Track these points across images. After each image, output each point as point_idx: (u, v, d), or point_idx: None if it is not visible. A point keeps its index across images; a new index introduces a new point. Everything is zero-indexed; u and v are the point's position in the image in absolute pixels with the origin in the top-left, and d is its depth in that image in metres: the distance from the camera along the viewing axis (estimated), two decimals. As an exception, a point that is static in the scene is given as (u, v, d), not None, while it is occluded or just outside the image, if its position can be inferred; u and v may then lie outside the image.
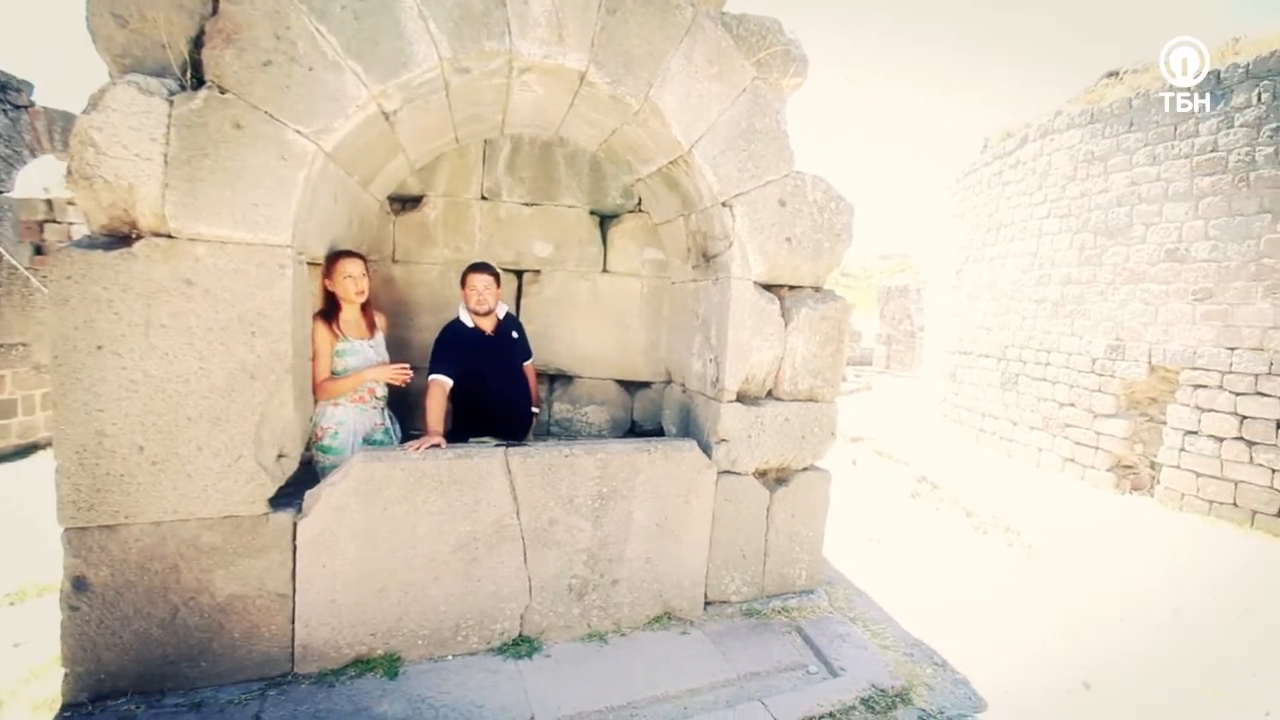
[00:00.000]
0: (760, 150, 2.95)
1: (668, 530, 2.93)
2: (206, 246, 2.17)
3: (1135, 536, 5.12)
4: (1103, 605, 3.79)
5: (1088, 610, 3.72)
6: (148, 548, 2.23)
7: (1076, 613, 3.67)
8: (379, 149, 2.83)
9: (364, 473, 2.44)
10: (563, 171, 3.69)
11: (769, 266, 3.03)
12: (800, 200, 3.06)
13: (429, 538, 2.55)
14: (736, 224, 2.95)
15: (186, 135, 2.10)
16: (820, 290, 3.31)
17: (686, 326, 3.51)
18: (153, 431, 2.18)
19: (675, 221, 3.49)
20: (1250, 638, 3.48)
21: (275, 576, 2.37)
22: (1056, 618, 3.60)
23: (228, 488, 2.28)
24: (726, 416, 3.01)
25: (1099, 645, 3.30)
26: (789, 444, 3.16)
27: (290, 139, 2.22)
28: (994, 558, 4.61)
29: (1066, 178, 7.04)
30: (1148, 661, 3.17)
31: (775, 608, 3.13)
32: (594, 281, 3.79)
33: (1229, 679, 3.04)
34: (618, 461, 2.79)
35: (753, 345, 3.02)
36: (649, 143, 3.06)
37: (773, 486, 3.19)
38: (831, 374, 3.25)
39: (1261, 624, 3.66)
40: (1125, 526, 5.36)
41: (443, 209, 3.58)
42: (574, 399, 3.87)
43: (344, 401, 2.74)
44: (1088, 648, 3.27)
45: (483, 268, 3.02)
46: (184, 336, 2.18)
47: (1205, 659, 3.22)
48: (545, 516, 2.72)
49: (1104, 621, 3.58)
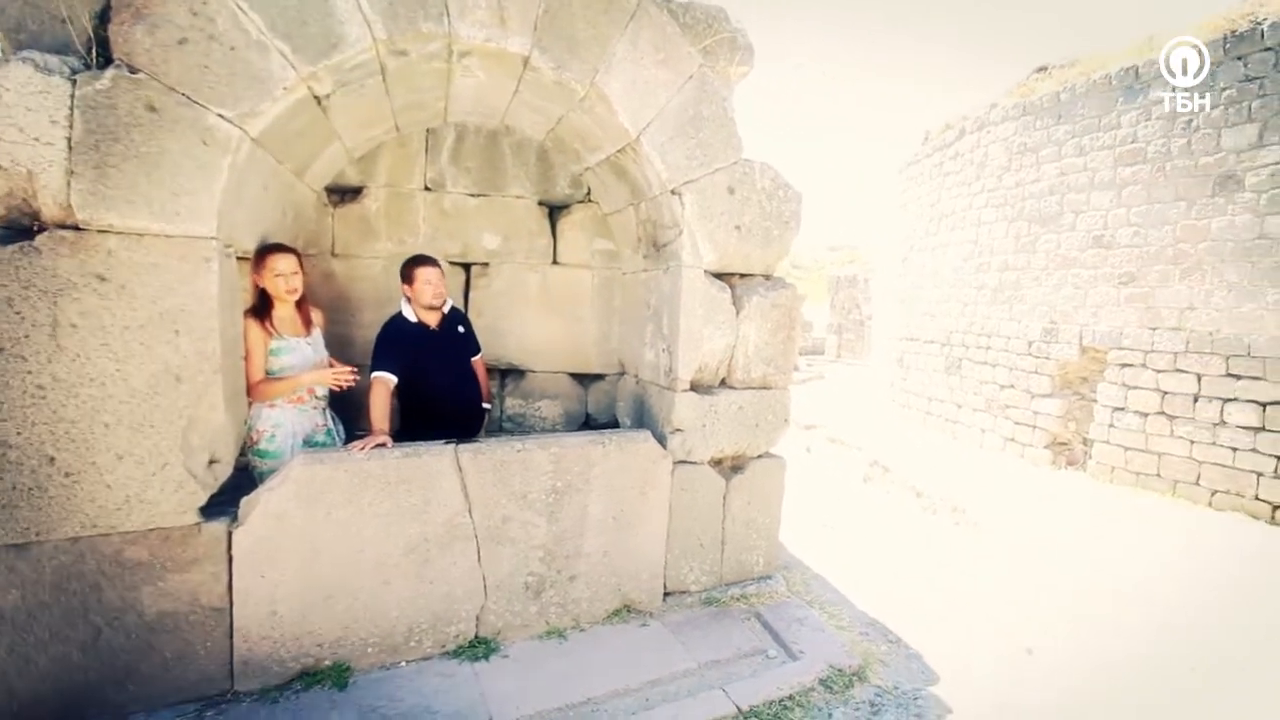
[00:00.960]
0: (708, 138, 2.94)
1: (624, 523, 2.91)
2: (120, 239, 2.01)
3: (1070, 509, 5.38)
4: (1043, 575, 3.97)
5: (1029, 580, 3.88)
6: (64, 566, 2.07)
7: (1020, 584, 3.83)
8: (312, 136, 2.69)
9: (305, 476, 2.32)
10: (510, 161, 3.60)
11: (719, 255, 3.03)
12: (749, 188, 3.07)
13: (377, 540, 2.45)
14: (686, 212, 2.93)
15: (93, 118, 1.94)
16: (771, 278, 3.33)
17: (638, 317, 3.49)
18: (65, 441, 2.02)
19: (625, 211, 3.45)
20: (1171, 580, 3.70)
21: (209, 590, 2.24)
22: (1001, 589, 3.74)
23: (153, 498, 2.13)
24: (681, 406, 2.99)
25: (1040, 613, 3.45)
26: (743, 432, 3.18)
27: (212, 123, 2.08)
28: (942, 536, 4.77)
29: (1002, 168, 7.32)
30: (1083, 622, 3.33)
31: (734, 595, 3.15)
32: (544, 273, 3.72)
33: (1150, 627, 3.22)
34: (572, 455, 2.75)
35: (705, 334, 3.02)
36: (596, 130, 3.01)
37: (728, 475, 3.20)
38: (784, 361, 3.27)
39: (1178, 572, 3.90)
40: (1061, 500, 5.63)
41: (384, 200, 3.44)
42: (526, 393, 3.79)
43: (281, 402, 2.60)
44: (1030, 616, 3.41)
45: (430, 260, 2.91)
46: (97, 337, 2.02)
47: (1133, 615, 3.40)
48: (499, 514, 2.65)
49: (1044, 589, 3.75)
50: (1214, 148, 5.39)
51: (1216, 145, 5.38)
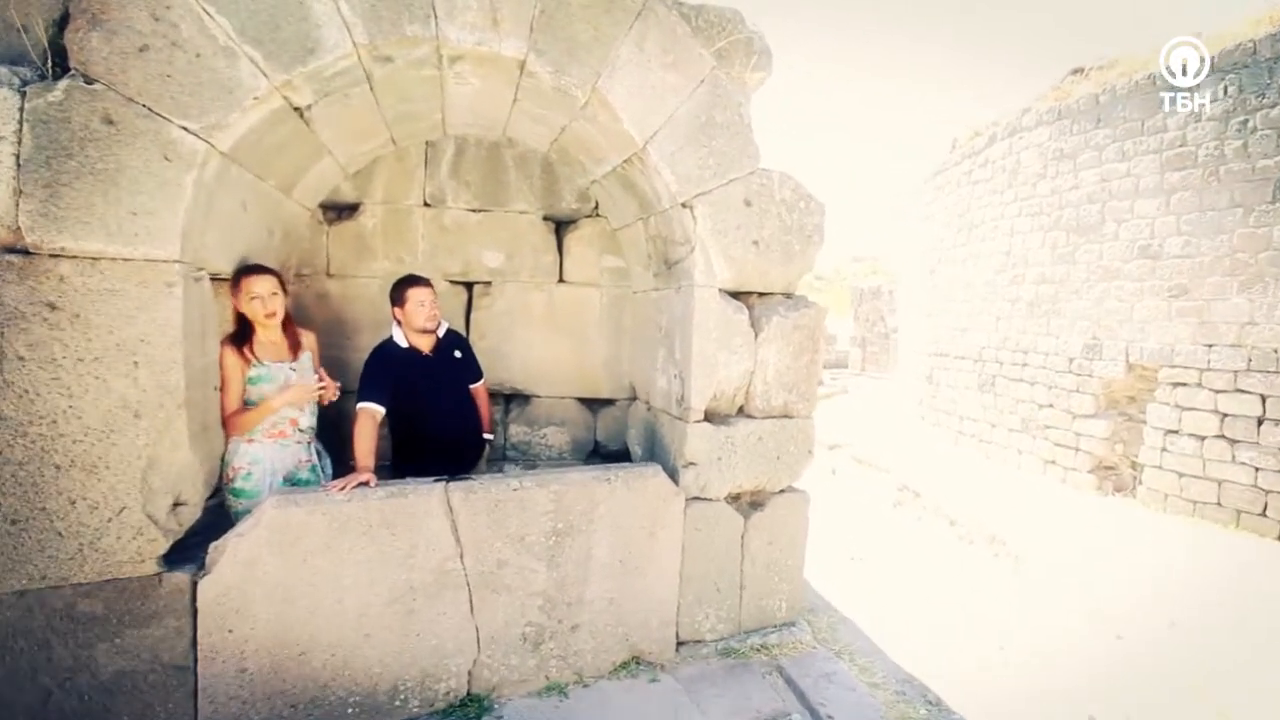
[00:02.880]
0: (722, 146, 2.70)
1: (632, 567, 2.65)
2: (73, 263, 1.84)
3: (1121, 542, 4.97)
4: (1097, 621, 3.60)
5: (1082, 627, 3.52)
6: (9, 622, 1.88)
7: (1072, 631, 3.48)
8: (297, 150, 2.52)
9: (278, 519, 2.11)
10: (512, 175, 3.41)
11: (735, 272, 2.78)
12: (767, 199, 2.82)
13: (358, 589, 2.23)
14: (698, 226, 2.69)
15: (44, 132, 1.78)
16: (792, 297, 3.07)
17: (650, 339, 3.25)
18: (11, 485, 1.84)
19: (634, 226, 3.23)
20: (1251, 645, 3.31)
21: (171, 647, 2.03)
22: (1052, 638, 3.39)
23: (109, 546, 1.94)
24: (694, 438, 2.74)
25: (1099, 667, 3.09)
26: (763, 465, 2.91)
27: (175, 136, 1.90)
28: (981, 570, 4.41)
29: (1036, 175, 6.96)
30: (1149, 682, 2.97)
31: (754, 645, 2.86)
32: (550, 292, 3.50)
33: (1232, 694, 2.85)
34: (574, 494, 2.51)
35: (720, 359, 2.77)
36: (601, 140, 2.80)
37: (747, 512, 2.93)
38: (807, 387, 3.00)
39: (1260, 631, 3.49)
40: (1110, 531, 5.22)
41: (381, 217, 3.27)
42: (532, 420, 3.57)
43: (260, 436, 2.41)
44: (1087, 671, 3.06)
45: (423, 280, 2.71)
46: (48, 370, 1.84)
47: (1207, 675, 3.03)
48: (493, 559, 2.41)
49: (1100, 639, 3.39)
50: (1274, 149, 5.00)
51: (1277, 147, 4.99)
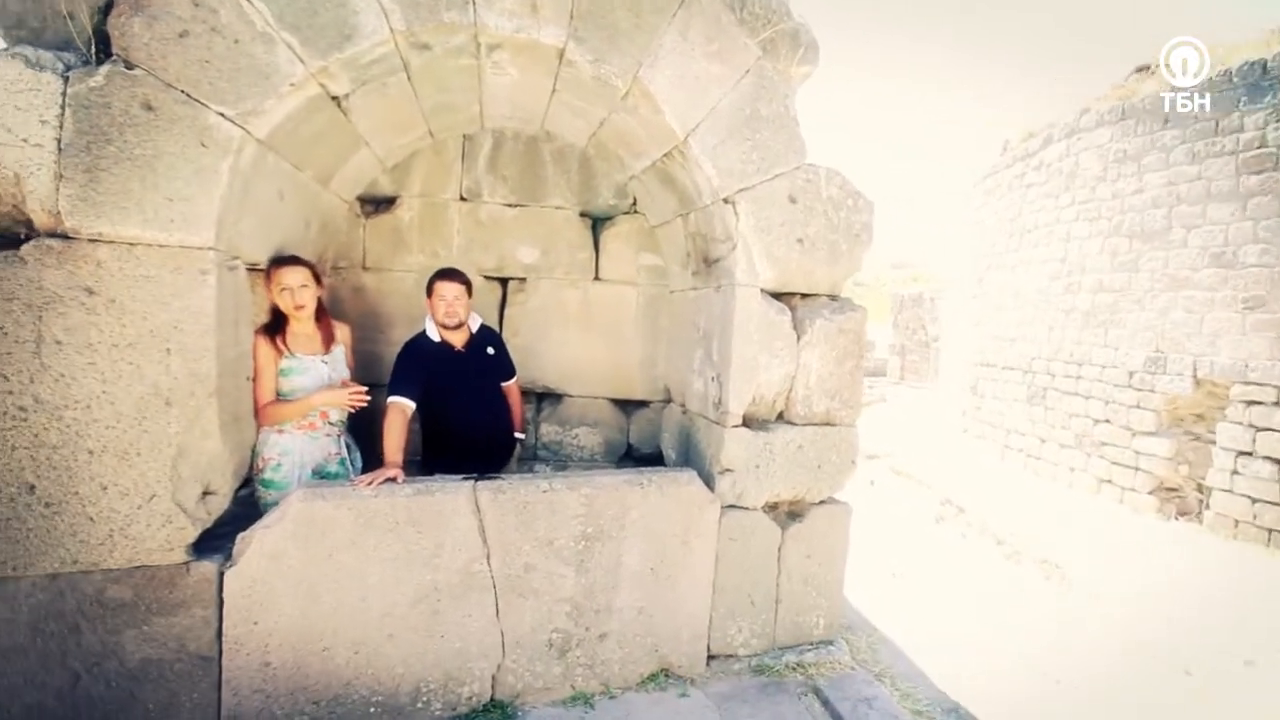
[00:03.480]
0: (767, 139, 2.59)
1: (664, 575, 2.55)
2: (110, 249, 1.84)
3: (1187, 570, 4.65)
4: (1162, 654, 3.35)
5: (1147, 662, 3.27)
6: (42, 605, 1.89)
7: (1135, 665, 3.23)
8: (334, 140, 2.50)
9: (304, 513, 2.08)
10: (550, 169, 3.35)
11: (778, 272, 2.66)
12: (813, 196, 2.69)
13: (383, 588, 2.19)
14: (740, 223, 2.58)
15: (85, 117, 1.78)
16: (837, 299, 2.93)
17: (687, 340, 3.14)
18: (46, 468, 1.84)
19: (673, 223, 3.13)
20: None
21: (198, 636, 2.02)
22: (1112, 670, 3.16)
23: (139, 533, 1.93)
24: (731, 443, 2.62)
25: (1166, 707, 2.86)
26: (803, 474, 2.77)
27: (212, 122, 1.89)
28: (1031, 593, 4.17)
29: (1096, 178, 6.61)
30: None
31: (789, 663, 2.72)
32: (585, 290, 3.43)
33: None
34: (605, 498, 2.42)
35: (760, 362, 2.65)
36: (641, 133, 2.71)
37: (785, 523, 2.80)
38: (850, 394, 2.86)
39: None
40: (1173, 557, 4.89)
41: (418, 211, 3.25)
42: (564, 420, 3.50)
43: (290, 428, 2.39)
44: (1153, 710, 2.83)
45: (452, 274, 2.66)
46: (84, 355, 1.84)
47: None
48: (520, 562, 2.34)
49: (1168, 676, 3.14)
50: (1366, 151, 4.62)
51: (1370, 148, 4.61)
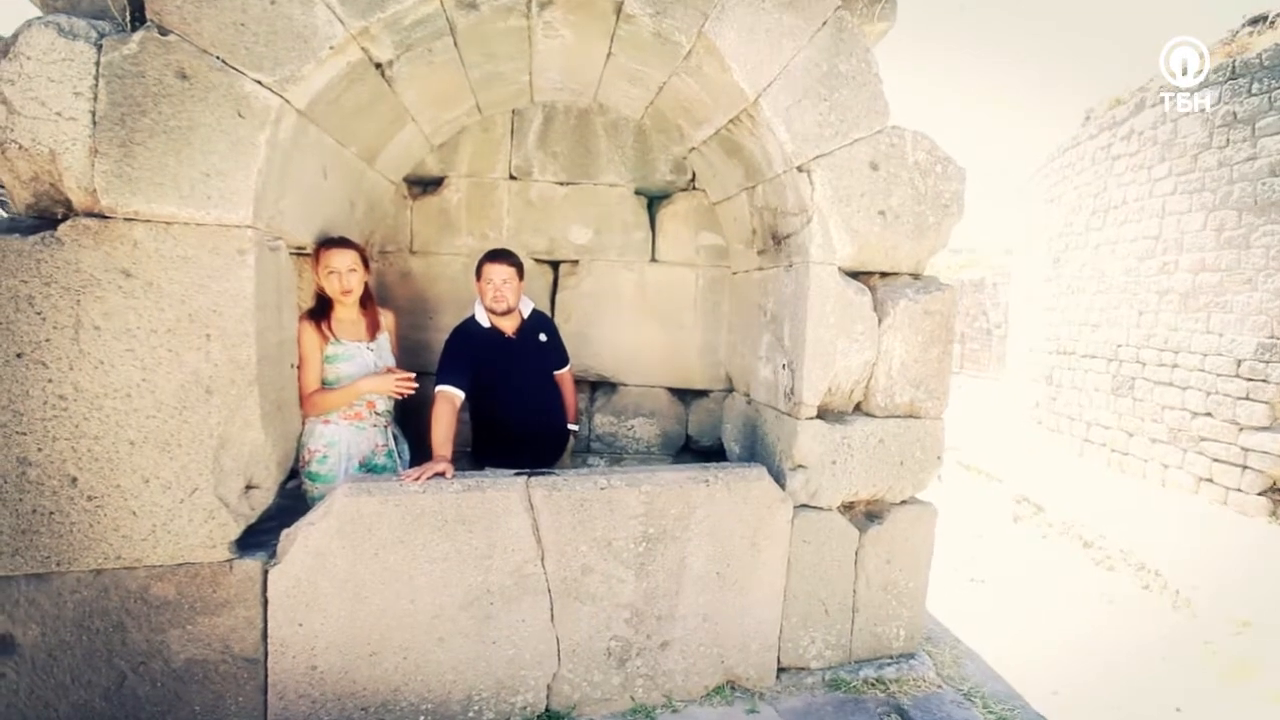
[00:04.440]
0: (846, 99, 2.31)
1: (731, 580, 2.34)
2: (147, 228, 1.73)
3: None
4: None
5: (1273, 688, 2.88)
6: (87, 601, 1.81)
7: (1266, 691, 2.84)
8: (378, 114, 2.36)
9: (349, 509, 1.96)
10: (603, 144, 3.14)
11: (858, 248, 2.39)
12: (897, 163, 2.41)
13: (432, 590, 2.05)
14: (816, 194, 2.32)
15: (119, 88, 1.66)
16: (921, 278, 2.64)
17: (751, 325, 2.90)
18: (87, 459, 1.76)
19: (737, 198, 2.89)
20: None
21: (242, 638, 1.92)
22: (1241, 703, 2.78)
23: (181, 528, 1.84)
24: (805, 437, 2.38)
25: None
26: (884, 471, 2.51)
27: (249, 91, 1.75)
28: (1130, 604, 3.78)
29: (1199, 146, 5.97)
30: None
31: (867, 678, 2.48)
32: (641, 272, 3.22)
33: None
34: (667, 496, 2.22)
35: (838, 347, 2.39)
36: (704, 97, 2.47)
37: (863, 524, 2.54)
38: (937, 383, 2.57)
39: None
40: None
41: (466, 191, 3.10)
42: (619, 410, 3.32)
43: (336, 418, 2.28)
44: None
45: (501, 256, 2.49)
46: (122, 341, 1.74)
47: None
48: (577, 564, 2.17)
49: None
50: None
51: None
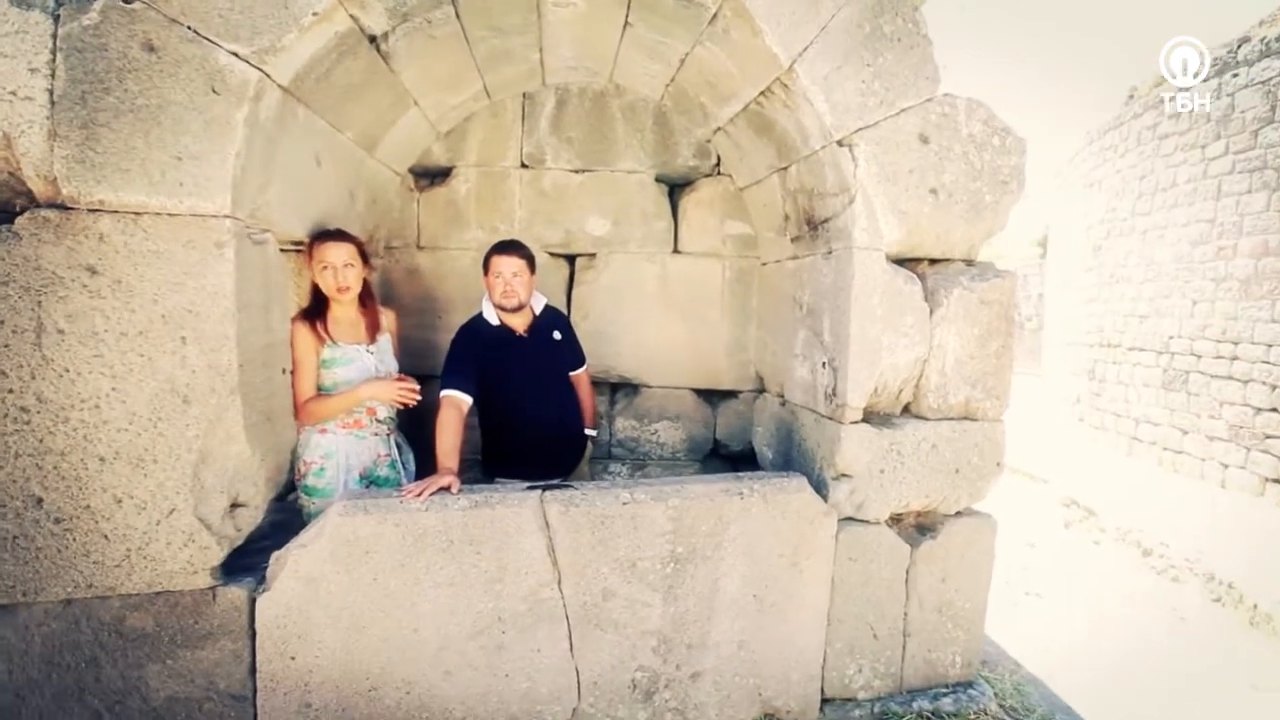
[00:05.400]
0: (891, 64, 2.06)
1: (768, 604, 2.10)
2: (113, 219, 1.55)
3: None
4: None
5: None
6: (56, 635, 1.64)
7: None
8: (376, 95, 2.17)
9: (343, 530, 1.76)
10: (620, 128, 2.92)
11: (906, 231, 2.14)
12: (950, 135, 2.15)
13: (437, 618, 1.84)
14: (859, 171, 2.07)
15: (79, 63, 1.49)
16: (975, 264, 2.38)
17: (785, 319, 2.66)
18: (53, 477, 1.58)
19: (767, 181, 2.65)
20: None
21: (228, 673, 1.74)
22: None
23: (158, 553, 1.66)
24: (849, 442, 2.13)
25: None
26: (937, 480, 2.25)
27: (224, 64, 1.56)
28: (1202, 619, 3.45)
29: (1260, 120, 5.56)
30: None
31: (922, 710, 2.22)
32: (663, 264, 3.00)
33: None
34: (698, 510, 1.99)
35: (885, 342, 2.14)
36: (731, 68, 2.24)
37: (914, 539, 2.29)
38: (996, 382, 2.30)
39: None
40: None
41: (475, 182, 2.90)
42: (641, 413, 3.09)
43: (334, 427, 2.09)
44: None
45: (511, 247, 2.28)
46: (89, 346, 1.57)
47: None
48: (598, 587, 1.95)
49: None
50: None
51: None
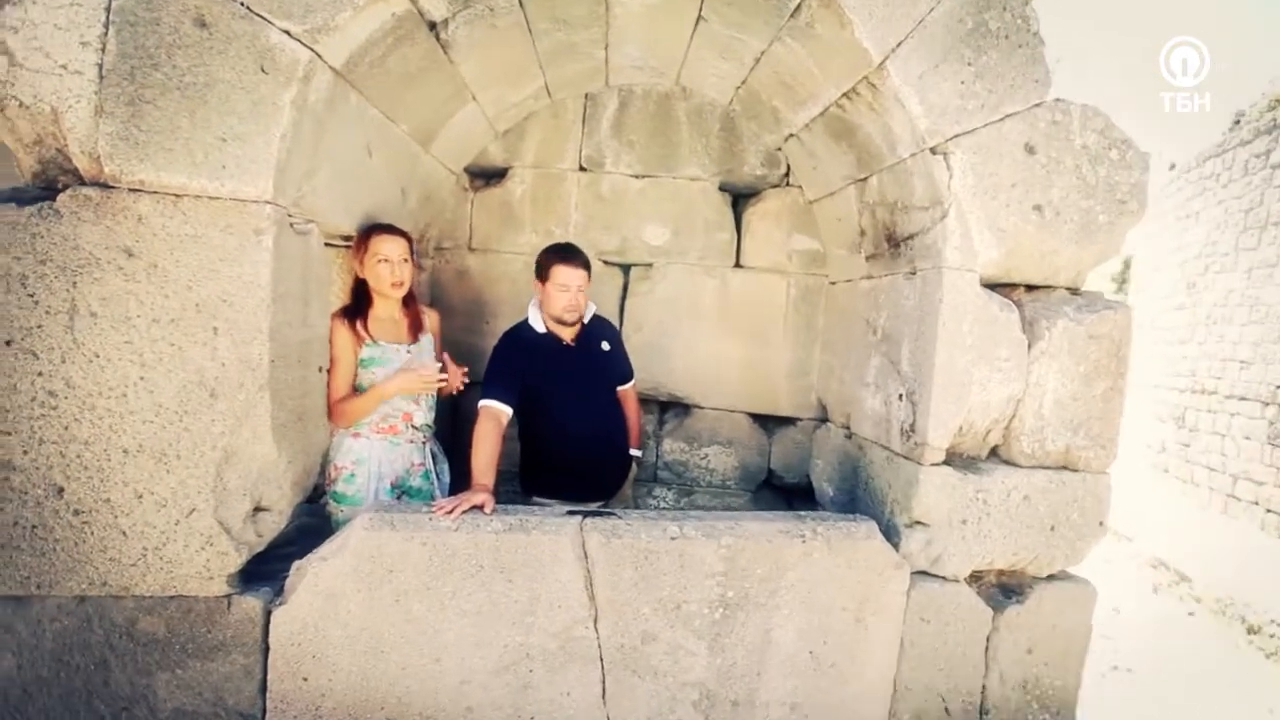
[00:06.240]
0: (996, 64, 1.83)
1: (827, 662, 1.86)
2: (153, 201, 1.48)
3: None
4: None
5: None
6: (68, 632, 1.56)
7: None
8: (432, 86, 2.08)
9: (368, 545, 1.63)
10: (685, 132, 2.77)
11: (1005, 251, 1.89)
12: (1061, 145, 1.89)
13: (461, 648, 1.69)
14: (954, 182, 1.84)
15: (130, 37, 1.42)
16: (1080, 293, 2.10)
17: (855, 344, 2.43)
18: (76, 467, 1.51)
19: (842, 192, 2.43)
20: None
21: (238, 689, 1.62)
22: None
23: (175, 554, 1.56)
24: (928, 486, 1.88)
25: None
26: (1028, 537, 1.97)
27: (274, 42, 1.48)
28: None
29: (1398, 152, 4.99)
30: None
31: (1000, 802, 1.93)
32: (723, 278, 2.81)
33: None
34: (753, 552, 1.78)
35: (975, 376, 1.88)
36: (811, 67, 2.05)
37: (997, 602, 2.01)
38: (1102, 428, 2.01)
39: None
40: None
41: (530, 183, 2.79)
42: (691, 436, 2.90)
43: (367, 431, 1.98)
44: None
45: (577, 257, 2.10)
46: (120, 331, 1.49)
47: None
48: (637, 629, 1.76)
49: None
50: None
51: None
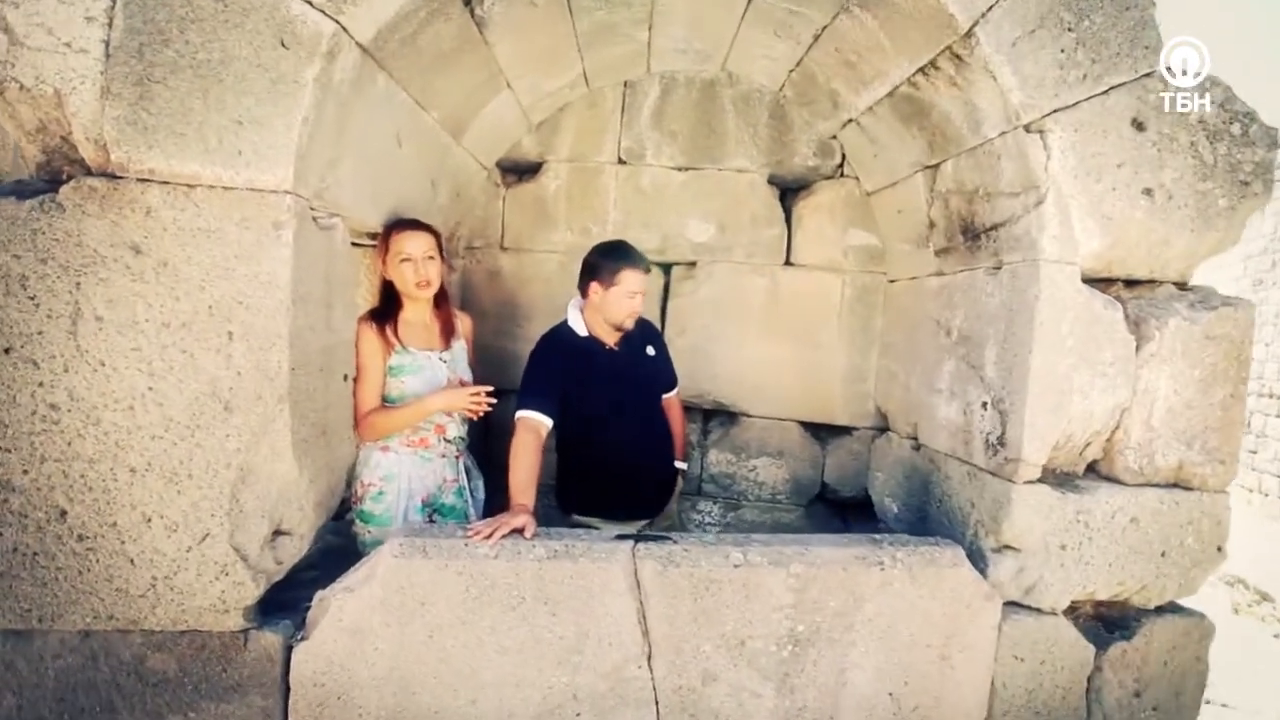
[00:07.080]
0: (1100, 28, 1.62)
1: (909, 706, 1.64)
2: (163, 192, 1.33)
3: None
4: None
5: None
6: (72, 670, 1.42)
7: None
8: (466, 69, 1.92)
9: (398, 575, 1.46)
10: (731, 121, 2.58)
11: (1110, 242, 1.66)
12: (1174, 120, 1.68)
13: (500, 689, 1.51)
14: (1052, 163, 1.63)
15: (139, 10, 1.28)
16: (1190, 287, 1.86)
17: (923, 347, 2.21)
18: (80, 488, 1.37)
19: (908, 181, 2.22)
20: None
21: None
22: None
23: (188, 584, 1.41)
24: (1022, 507, 1.66)
25: None
26: (1136, 564, 1.73)
27: (295, 13, 1.32)
28: None
29: None
30: None
31: None
32: (772, 277, 2.61)
33: None
34: (827, 580, 1.57)
35: (1076, 383, 1.66)
36: (881, 40, 1.85)
37: (1100, 638, 1.77)
38: (1221, 441, 1.76)
39: None
40: None
41: (566, 178, 2.62)
42: (739, 447, 2.69)
43: (397, 445, 1.82)
44: None
45: (641, 260, 1.93)
46: (127, 337, 1.35)
47: None
48: (697, 668, 1.57)
49: None
50: None
51: None
